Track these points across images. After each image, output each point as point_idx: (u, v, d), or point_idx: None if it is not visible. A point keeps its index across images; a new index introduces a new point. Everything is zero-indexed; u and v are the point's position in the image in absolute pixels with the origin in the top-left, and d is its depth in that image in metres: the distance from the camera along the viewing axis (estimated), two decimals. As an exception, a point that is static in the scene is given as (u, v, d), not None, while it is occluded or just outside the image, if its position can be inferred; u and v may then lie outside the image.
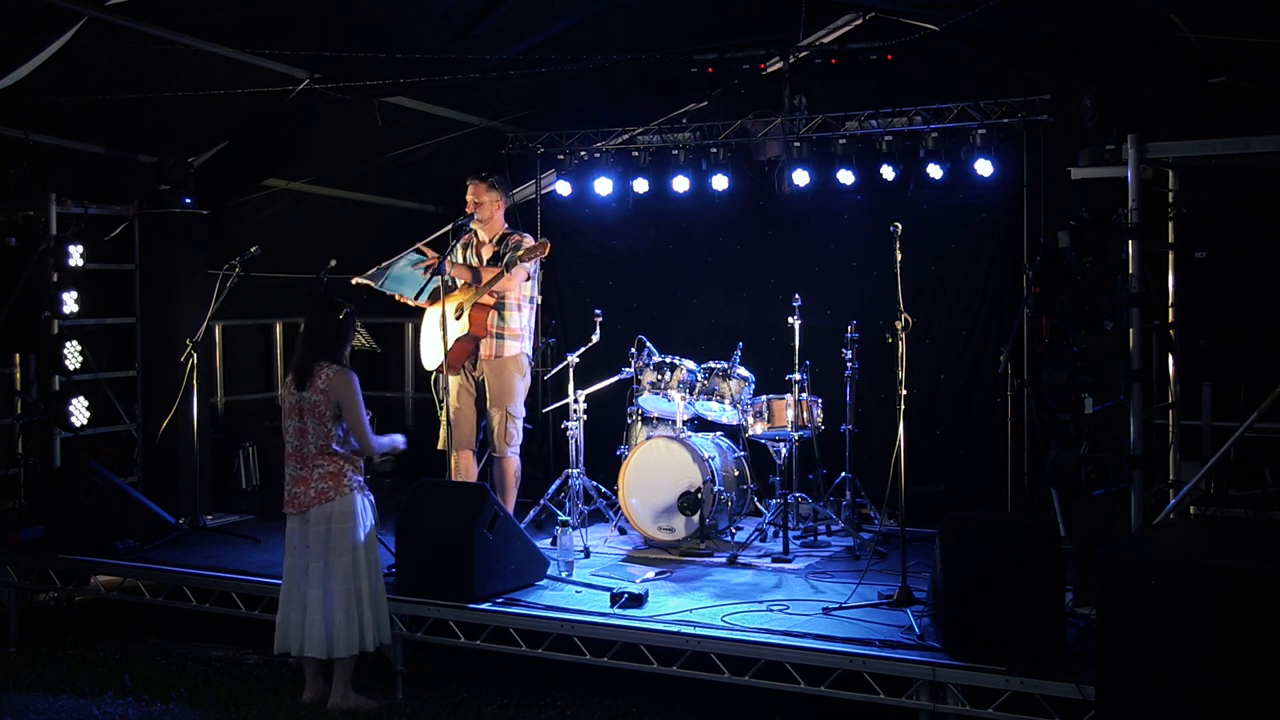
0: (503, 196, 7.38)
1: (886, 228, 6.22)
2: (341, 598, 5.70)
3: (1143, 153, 5.58)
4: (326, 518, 5.72)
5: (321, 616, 5.68)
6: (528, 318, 7.30)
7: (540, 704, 5.87)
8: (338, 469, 5.76)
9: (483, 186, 7.25)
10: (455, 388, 7.10)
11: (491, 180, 7.28)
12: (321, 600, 5.68)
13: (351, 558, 5.75)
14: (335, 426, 5.75)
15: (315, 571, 5.71)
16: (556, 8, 6.91)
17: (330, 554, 5.71)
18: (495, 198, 7.29)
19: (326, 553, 5.71)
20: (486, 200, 7.24)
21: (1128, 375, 5.59)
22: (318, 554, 5.71)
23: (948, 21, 6.95)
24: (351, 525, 5.75)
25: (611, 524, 7.84)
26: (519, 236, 7.25)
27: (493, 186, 7.27)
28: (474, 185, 7.27)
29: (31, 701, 6.07)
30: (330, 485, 5.73)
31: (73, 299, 7.79)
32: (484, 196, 7.24)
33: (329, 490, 5.72)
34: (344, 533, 5.74)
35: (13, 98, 6.82)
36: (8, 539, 7.39)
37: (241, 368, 10.63)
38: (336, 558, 5.71)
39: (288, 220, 9.46)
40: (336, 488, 5.73)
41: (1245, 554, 4.75)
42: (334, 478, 5.74)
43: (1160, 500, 5.79)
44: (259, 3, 6.56)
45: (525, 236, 7.25)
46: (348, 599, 5.71)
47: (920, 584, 5.98)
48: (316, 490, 5.72)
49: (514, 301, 7.18)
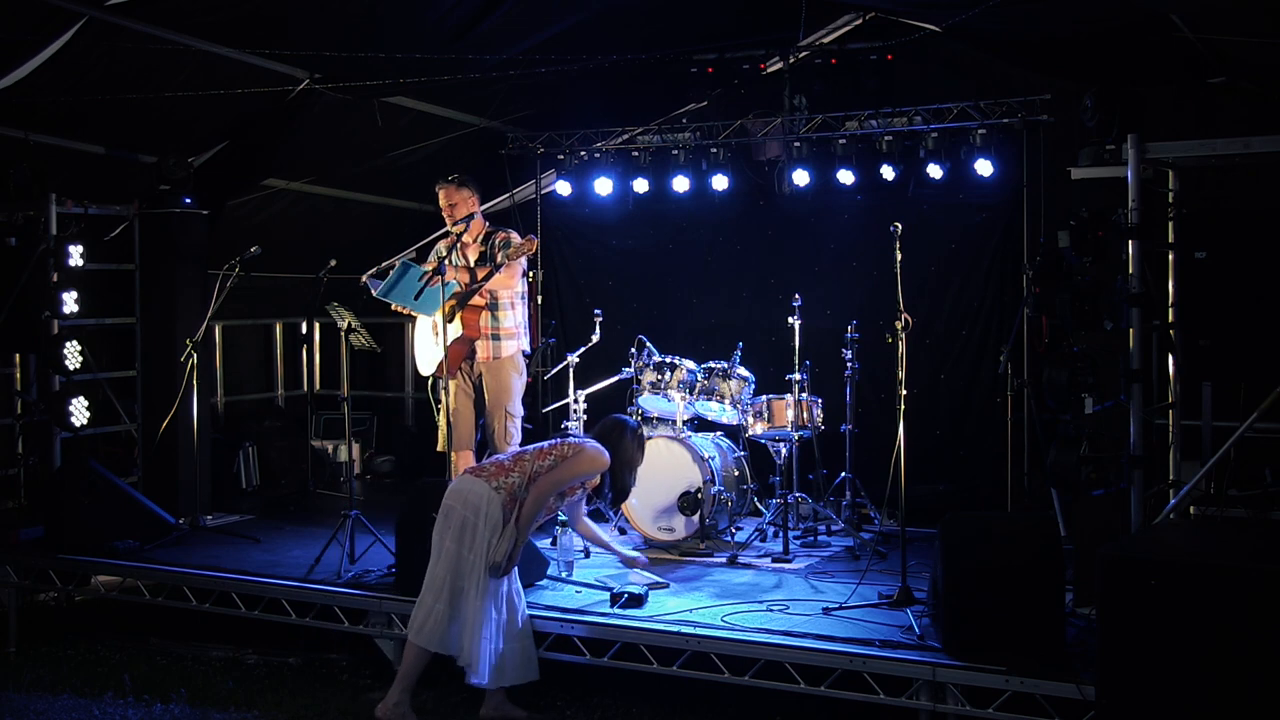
0: (476, 194, 7.23)
1: (886, 228, 6.22)
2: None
3: (1143, 153, 5.57)
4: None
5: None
6: (522, 315, 7.24)
7: (540, 704, 5.87)
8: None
9: (452, 188, 7.13)
10: (453, 389, 7.09)
11: (460, 180, 7.15)
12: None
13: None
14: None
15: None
16: (556, 8, 6.92)
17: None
18: (468, 196, 7.16)
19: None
20: (459, 200, 7.13)
21: (1128, 375, 5.59)
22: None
23: (948, 21, 6.96)
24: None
25: (611, 524, 7.83)
26: (504, 234, 7.14)
27: (463, 186, 7.14)
28: (444, 190, 7.15)
29: (31, 701, 6.07)
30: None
31: (73, 299, 7.80)
32: (455, 198, 7.13)
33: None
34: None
35: (13, 98, 6.82)
36: (8, 539, 7.39)
37: (241, 368, 10.64)
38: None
39: (288, 220, 9.46)
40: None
41: (1245, 554, 4.75)
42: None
43: (1160, 500, 5.79)
44: (259, 3, 6.56)
45: (510, 233, 7.16)
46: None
47: (920, 584, 5.98)
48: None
49: (506, 301, 7.12)
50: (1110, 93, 6.30)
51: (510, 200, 9.86)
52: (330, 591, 6.37)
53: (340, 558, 6.71)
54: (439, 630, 5.46)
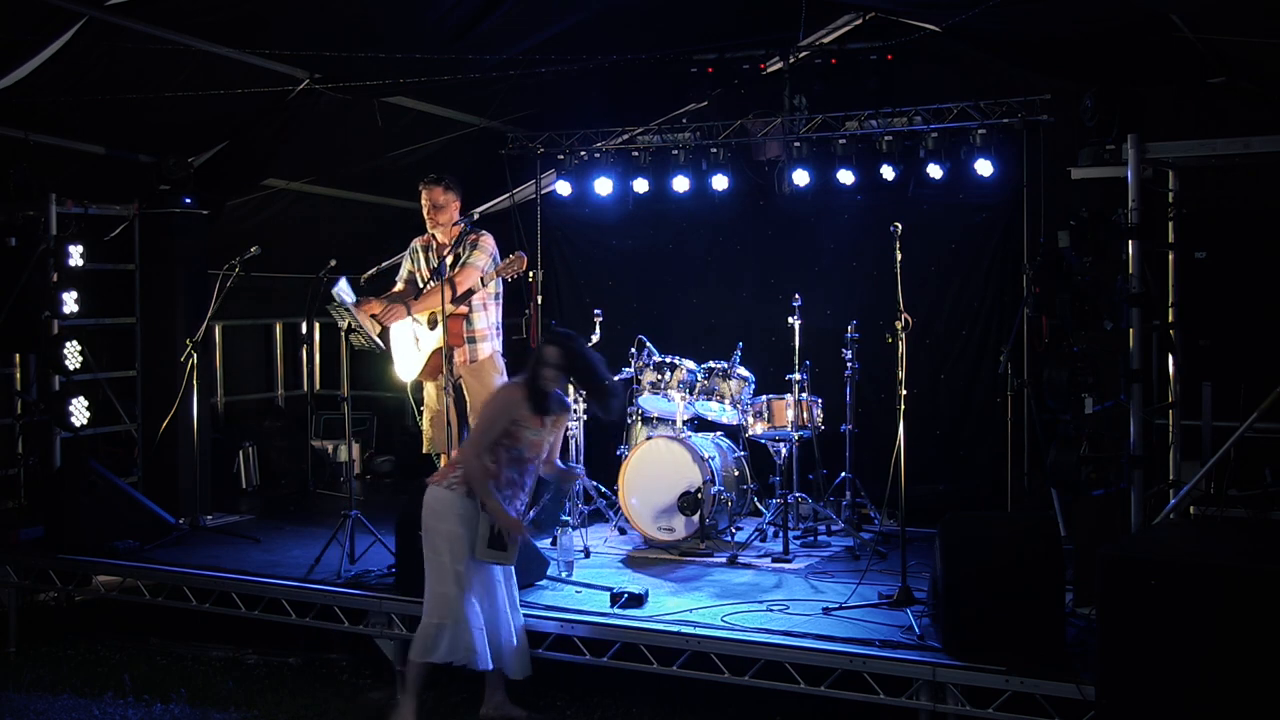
0: (459, 196, 7.10)
1: (886, 228, 6.23)
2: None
3: (1143, 153, 5.58)
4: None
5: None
6: (494, 315, 7.09)
7: (540, 704, 5.87)
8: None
9: (438, 189, 6.97)
10: (434, 390, 7.07)
11: (446, 181, 7.01)
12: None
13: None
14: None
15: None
16: (556, 8, 6.91)
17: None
18: (452, 199, 7.03)
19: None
20: (444, 201, 6.99)
21: (1128, 375, 5.59)
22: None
23: (948, 21, 6.96)
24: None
25: (611, 524, 7.84)
26: (475, 235, 6.96)
27: (449, 188, 7.00)
28: (430, 190, 6.98)
29: (31, 701, 6.07)
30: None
31: (73, 299, 7.79)
32: (442, 199, 6.98)
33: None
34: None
35: (13, 98, 6.81)
36: (8, 539, 7.39)
37: (241, 368, 10.64)
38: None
39: (288, 220, 9.46)
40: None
41: (1245, 554, 4.75)
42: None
43: (1160, 500, 5.79)
44: (259, 3, 6.56)
45: (483, 235, 6.99)
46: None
47: (920, 584, 5.98)
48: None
49: (479, 303, 6.94)
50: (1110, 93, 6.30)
51: (510, 200, 9.86)
52: (330, 591, 6.37)
53: (340, 558, 6.71)
54: (441, 644, 5.42)
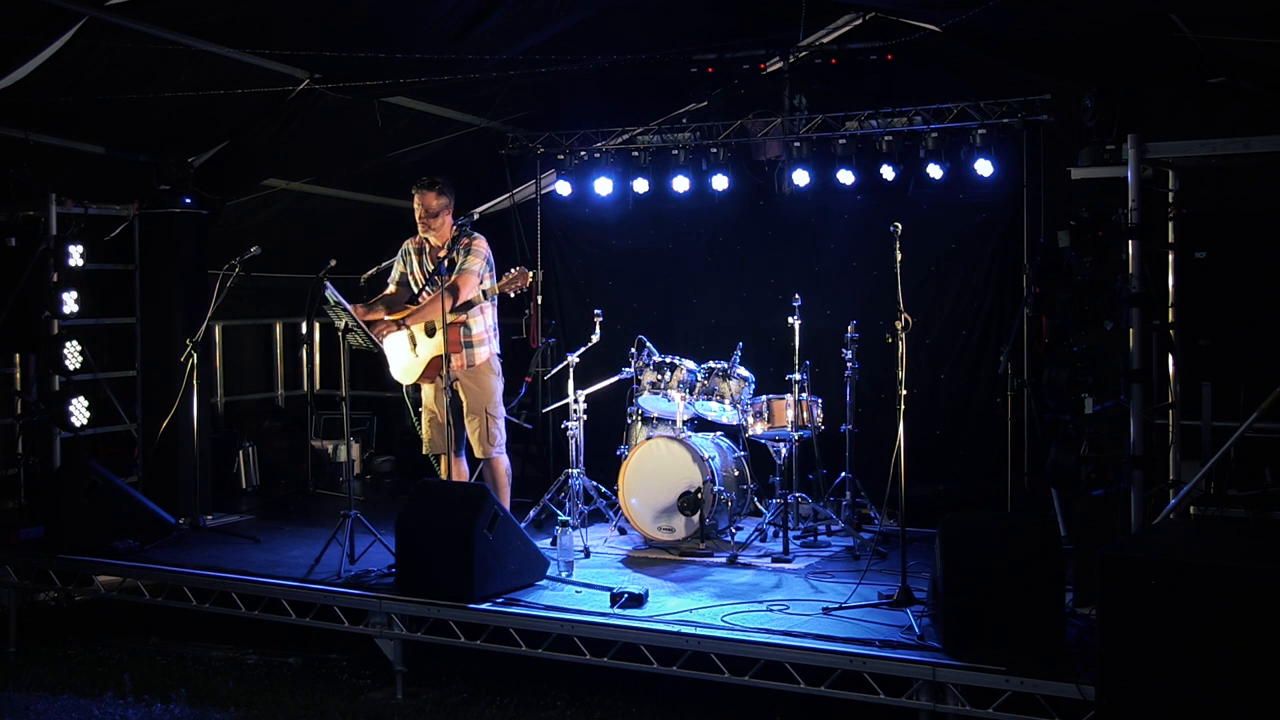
0: (452, 198, 7.07)
1: (886, 228, 6.22)
2: None
3: (1143, 153, 5.58)
4: None
5: None
6: (490, 318, 7.10)
7: (540, 704, 5.87)
8: None
9: (431, 194, 6.94)
10: (431, 391, 7.08)
11: (439, 185, 6.99)
12: None
13: None
14: None
15: None
16: (556, 8, 6.91)
17: None
18: (445, 202, 7.00)
19: None
20: (437, 205, 6.96)
21: (1128, 375, 5.59)
22: None
23: (948, 21, 6.95)
24: None
25: (611, 524, 7.84)
26: (468, 239, 6.96)
27: (441, 191, 6.97)
28: (422, 194, 6.95)
29: (31, 701, 6.07)
30: None
31: (73, 299, 7.79)
32: (434, 202, 6.95)
33: None
34: None
35: (13, 98, 6.82)
36: (8, 539, 7.39)
37: (241, 368, 10.64)
38: None
39: (288, 220, 9.46)
40: None
41: (1245, 554, 4.75)
42: None
43: (1160, 500, 5.79)
44: (259, 2, 6.56)
45: (476, 238, 6.98)
46: None
47: (920, 584, 5.98)
48: None
49: (476, 307, 6.95)
50: (1110, 93, 6.31)
51: (510, 200, 9.87)
52: (330, 591, 6.37)
53: (340, 558, 6.71)
54: None
